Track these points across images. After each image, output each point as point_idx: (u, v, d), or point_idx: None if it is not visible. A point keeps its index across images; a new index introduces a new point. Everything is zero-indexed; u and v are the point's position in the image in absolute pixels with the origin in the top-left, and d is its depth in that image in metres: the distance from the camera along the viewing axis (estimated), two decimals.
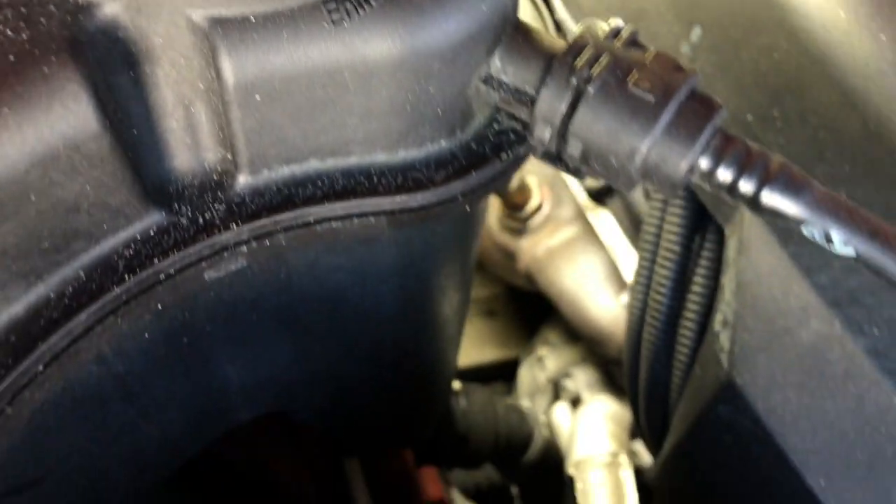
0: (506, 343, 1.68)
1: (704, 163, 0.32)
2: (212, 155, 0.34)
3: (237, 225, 0.34)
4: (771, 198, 0.32)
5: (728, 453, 0.48)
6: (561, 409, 1.03)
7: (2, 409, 0.31)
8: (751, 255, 0.47)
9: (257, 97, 0.32)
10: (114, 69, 0.30)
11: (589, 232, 0.89)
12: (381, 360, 0.54)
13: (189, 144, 0.33)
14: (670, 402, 0.61)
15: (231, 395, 0.50)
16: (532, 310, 1.47)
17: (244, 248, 0.35)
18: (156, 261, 0.33)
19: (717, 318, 0.49)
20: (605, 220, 0.80)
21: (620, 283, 0.83)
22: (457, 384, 0.74)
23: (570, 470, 0.77)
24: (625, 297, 0.78)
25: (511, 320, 1.73)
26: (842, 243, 0.32)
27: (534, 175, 0.93)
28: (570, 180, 0.84)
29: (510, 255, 0.97)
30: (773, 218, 0.32)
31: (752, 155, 0.32)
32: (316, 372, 0.53)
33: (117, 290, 0.32)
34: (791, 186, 0.32)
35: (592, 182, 0.79)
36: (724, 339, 0.47)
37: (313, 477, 0.77)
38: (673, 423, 0.57)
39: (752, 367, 0.46)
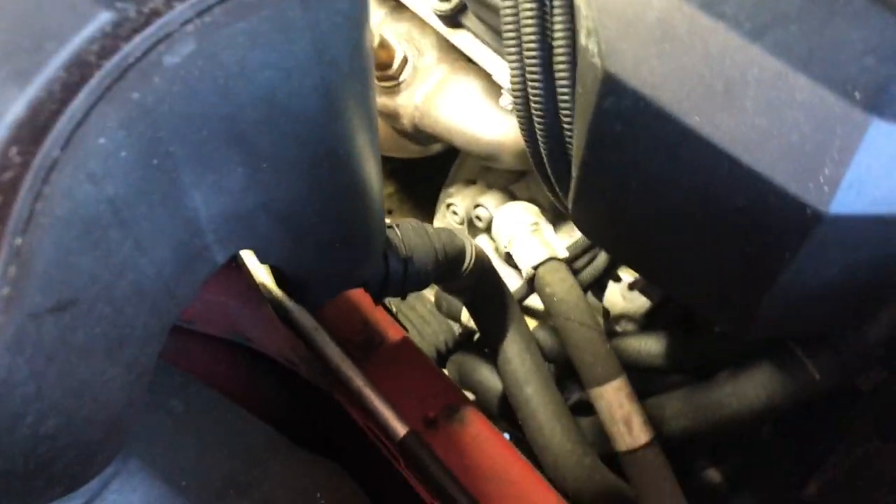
0: None
1: None
2: None
3: (178, 3, 0.40)
4: None
5: (621, 137, 0.58)
6: (481, 240, 1.13)
7: (40, 191, 0.36)
8: None
9: None
10: None
11: (456, 64, 0.97)
12: (319, 178, 0.61)
13: None
14: (567, 149, 0.71)
15: (203, 230, 0.56)
16: (426, 202, 1.57)
17: (190, 27, 0.41)
18: (120, 44, 0.38)
19: (582, 34, 0.58)
20: (465, 39, 0.88)
21: (497, 91, 0.92)
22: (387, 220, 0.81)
23: (503, 249, 0.86)
24: (503, 99, 0.86)
25: (407, 214, 1.83)
26: None
27: (390, 33, 1.00)
28: (426, 16, 0.90)
29: (394, 116, 1.04)
30: None
31: None
32: (268, 201, 0.59)
33: (98, 75, 0.37)
34: None
35: (444, 5, 0.86)
36: (592, 45, 0.57)
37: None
38: (573, 153, 0.67)
39: (619, 53, 0.55)
